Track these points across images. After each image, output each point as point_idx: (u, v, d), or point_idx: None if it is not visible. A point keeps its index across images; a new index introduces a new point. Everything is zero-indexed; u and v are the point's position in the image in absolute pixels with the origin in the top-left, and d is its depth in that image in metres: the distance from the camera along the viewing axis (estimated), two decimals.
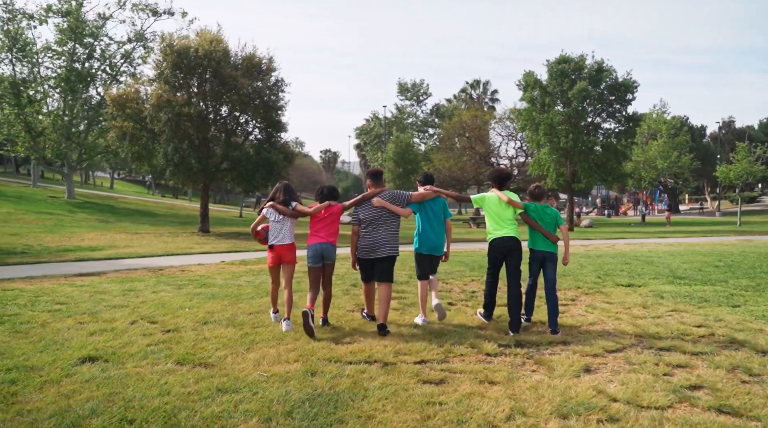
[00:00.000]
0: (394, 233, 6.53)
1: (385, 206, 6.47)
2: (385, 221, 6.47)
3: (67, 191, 41.70)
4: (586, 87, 29.71)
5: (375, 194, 6.56)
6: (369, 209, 6.51)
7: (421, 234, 6.70)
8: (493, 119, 51.05)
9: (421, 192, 6.68)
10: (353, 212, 6.67)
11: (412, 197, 6.61)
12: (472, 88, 75.87)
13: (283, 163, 25.83)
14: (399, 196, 6.60)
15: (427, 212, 6.69)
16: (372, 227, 6.45)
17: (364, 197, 6.61)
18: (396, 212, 6.52)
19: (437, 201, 6.78)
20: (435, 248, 6.70)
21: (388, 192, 6.62)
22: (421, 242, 6.70)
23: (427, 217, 6.69)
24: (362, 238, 6.49)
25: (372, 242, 6.42)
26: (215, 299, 8.18)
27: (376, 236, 6.42)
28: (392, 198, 6.55)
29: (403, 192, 6.70)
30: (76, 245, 19.27)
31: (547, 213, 6.69)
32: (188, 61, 23.75)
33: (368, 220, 6.47)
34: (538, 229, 6.60)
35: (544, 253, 6.65)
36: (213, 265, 13.15)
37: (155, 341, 5.71)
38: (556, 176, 32.16)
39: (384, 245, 6.40)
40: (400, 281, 9.89)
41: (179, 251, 17.41)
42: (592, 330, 6.36)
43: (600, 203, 72.46)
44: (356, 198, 6.70)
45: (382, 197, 6.52)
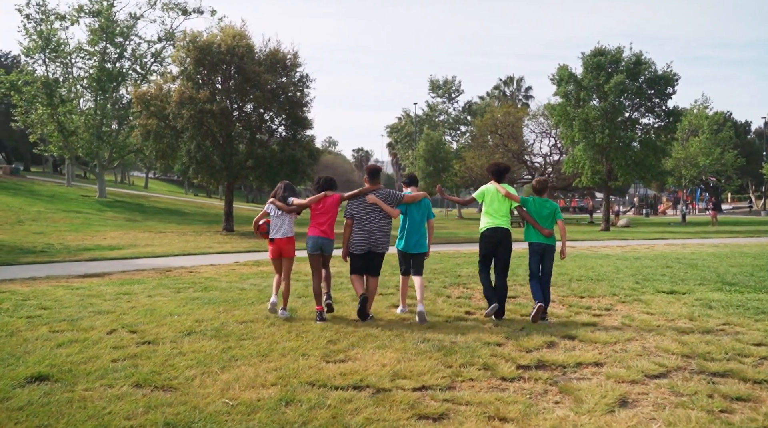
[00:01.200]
0: (385, 229, 6.85)
1: (378, 204, 6.76)
2: (377, 218, 6.79)
3: (99, 190, 41.97)
4: (623, 80, 28.34)
5: (370, 191, 6.86)
6: (362, 206, 6.82)
7: (405, 233, 6.99)
8: (527, 116, 49.67)
9: (413, 194, 6.99)
10: (346, 206, 6.99)
11: (403, 198, 6.90)
12: (506, 85, 74.30)
13: (308, 160, 25.21)
14: (392, 196, 6.89)
15: (412, 213, 7.00)
16: (364, 223, 6.76)
17: (361, 192, 6.89)
18: (386, 211, 6.81)
19: (423, 203, 7.06)
20: (417, 247, 6.98)
21: (383, 191, 6.90)
22: (405, 241, 6.99)
23: (412, 217, 6.99)
24: (355, 233, 6.80)
25: (364, 238, 6.75)
26: (211, 304, 7.50)
27: (368, 232, 6.74)
28: (386, 197, 6.85)
29: (396, 192, 6.96)
30: (96, 244, 19.02)
31: (546, 207, 6.88)
32: (211, 57, 23.32)
33: (360, 216, 6.79)
34: (532, 223, 6.84)
35: (543, 246, 6.83)
36: (225, 266, 12.54)
37: (124, 355, 5.03)
38: (591, 174, 30.80)
39: (376, 241, 6.76)
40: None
41: (197, 250, 16.92)
42: (630, 347, 5.43)
43: (637, 202, 70.20)
44: (354, 192, 6.99)
45: (376, 194, 6.82)
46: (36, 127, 40.47)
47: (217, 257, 14.95)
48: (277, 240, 6.99)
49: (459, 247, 17.00)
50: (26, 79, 39.18)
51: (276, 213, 7.04)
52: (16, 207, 31.52)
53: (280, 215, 7.00)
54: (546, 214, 6.82)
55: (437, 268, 11.59)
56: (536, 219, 6.84)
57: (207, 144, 23.86)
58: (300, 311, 7.13)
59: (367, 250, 6.76)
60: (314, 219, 6.92)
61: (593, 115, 29.23)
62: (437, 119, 66.09)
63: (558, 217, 6.89)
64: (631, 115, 30.81)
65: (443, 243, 19.58)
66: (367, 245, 6.75)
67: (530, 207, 6.91)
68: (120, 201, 42.41)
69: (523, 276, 9.68)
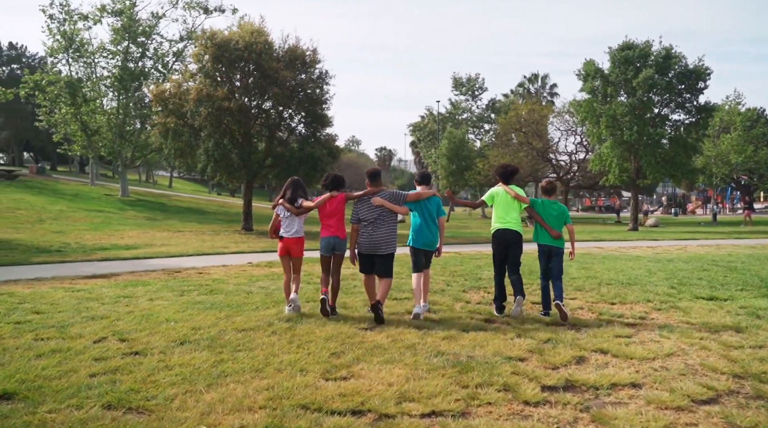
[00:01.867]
0: (392, 231, 6.89)
1: (384, 205, 6.82)
2: (384, 219, 6.83)
3: (121, 189, 42.12)
4: (652, 75, 27.35)
5: (374, 193, 6.92)
6: (368, 209, 6.87)
7: (416, 231, 7.08)
8: (552, 113, 48.63)
9: (417, 192, 7.10)
10: (353, 211, 7.01)
11: (408, 197, 6.97)
12: (530, 83, 73.12)
13: (327, 159, 24.75)
14: (396, 195, 6.96)
15: (422, 211, 7.08)
16: (371, 225, 6.81)
17: (365, 193, 6.95)
18: (394, 210, 6.87)
19: (432, 200, 7.13)
20: (429, 244, 7.09)
21: (386, 192, 6.98)
22: (416, 238, 7.08)
23: (422, 215, 7.07)
24: (362, 236, 6.85)
25: (371, 240, 6.78)
26: (213, 309, 7.03)
27: (375, 234, 6.78)
28: (390, 197, 6.90)
29: (399, 192, 7.10)
30: (113, 244, 18.83)
31: (554, 209, 6.99)
32: (229, 54, 22.99)
33: (368, 219, 6.83)
34: (541, 223, 6.95)
35: (550, 247, 6.95)
36: (236, 267, 12.10)
37: (105, 368, 4.55)
38: (618, 172, 29.86)
39: (383, 243, 6.78)
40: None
41: (212, 250, 16.56)
42: (671, 365, 4.79)
43: (665, 202, 68.57)
44: (358, 193, 7.05)
45: (381, 196, 6.87)
46: (59, 126, 40.74)
47: (231, 258, 14.55)
48: (286, 239, 7.12)
49: (481, 247, 16.33)
50: (50, 79, 39.44)
51: (285, 214, 7.17)
52: (38, 206, 31.66)
53: (290, 215, 7.12)
54: (555, 215, 6.96)
55: (457, 270, 10.99)
56: (546, 219, 6.97)
57: (225, 142, 23.55)
58: (307, 318, 6.62)
59: (372, 252, 6.81)
60: (323, 220, 7.04)
61: (621, 111, 28.30)
62: (460, 117, 65.23)
63: (567, 221, 7.04)
64: (660, 111, 29.79)
65: (464, 243, 18.96)
66: (373, 247, 6.79)
67: (539, 208, 7.04)
68: (142, 200, 42.50)
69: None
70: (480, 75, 67.24)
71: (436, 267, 11.29)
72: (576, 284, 9.07)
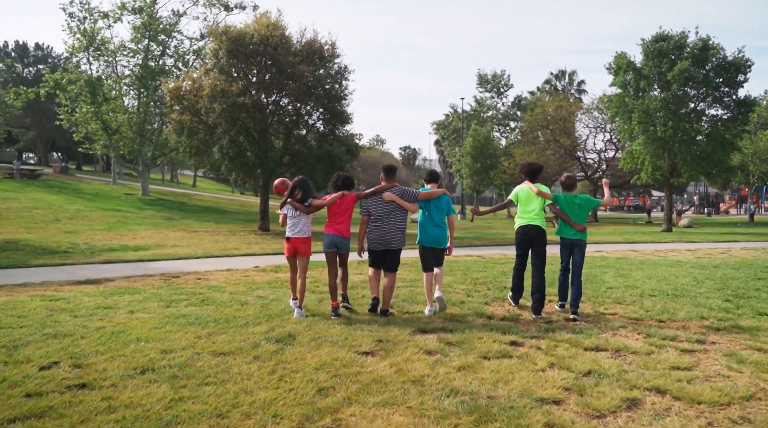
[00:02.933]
0: (401, 227, 7.00)
1: (395, 201, 6.89)
2: (395, 216, 6.93)
3: (142, 188, 41.86)
4: (688, 68, 25.83)
5: (387, 189, 6.96)
6: (380, 204, 6.95)
7: (424, 229, 7.14)
8: (580, 110, 47.07)
9: (429, 191, 7.15)
10: (364, 204, 7.08)
11: (419, 195, 7.03)
12: (557, 79, 71.22)
13: (346, 157, 23.83)
14: (408, 193, 7.03)
15: (432, 209, 7.12)
16: (382, 221, 6.92)
17: (377, 190, 7.00)
18: (404, 207, 6.94)
19: (442, 199, 7.15)
20: (438, 242, 7.14)
21: (398, 188, 7.03)
22: (424, 236, 7.14)
23: (432, 213, 7.11)
24: (372, 230, 6.97)
25: (381, 235, 6.91)
26: (196, 325, 6.12)
27: (385, 229, 6.91)
28: (402, 194, 6.98)
29: (411, 189, 7.14)
30: (122, 245, 18.21)
31: (576, 203, 7.06)
32: (244, 48, 22.21)
33: (378, 214, 6.94)
34: (564, 219, 7.06)
35: (572, 240, 7.05)
36: (241, 271, 11.21)
37: (31, 411, 3.65)
38: (651, 170, 28.36)
39: (392, 238, 6.92)
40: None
41: (222, 252, 15.75)
42: (755, 414, 3.68)
43: (697, 201, 66.34)
44: (370, 190, 7.13)
45: (392, 192, 6.94)
46: (80, 125, 40.58)
47: (239, 260, 13.71)
48: (293, 239, 7.08)
49: (507, 250, 15.20)
50: (71, 77, 39.27)
51: (293, 213, 7.06)
52: (56, 205, 31.40)
53: (297, 215, 7.03)
54: (579, 204, 7.05)
55: (479, 278, 9.94)
56: (568, 215, 7.03)
57: (241, 140, 22.80)
58: (302, 335, 5.67)
59: (382, 247, 6.91)
60: (331, 218, 7.08)
61: (654, 106, 26.84)
62: (485, 114, 63.83)
63: (595, 205, 7.28)
64: (696, 105, 28.22)
65: (489, 245, 17.85)
66: (383, 242, 6.90)
67: (562, 204, 7.12)
68: (162, 199, 42.17)
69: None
70: (506, 71, 65.65)
71: (456, 273, 10.31)
72: (614, 296, 7.96)
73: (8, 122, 62.06)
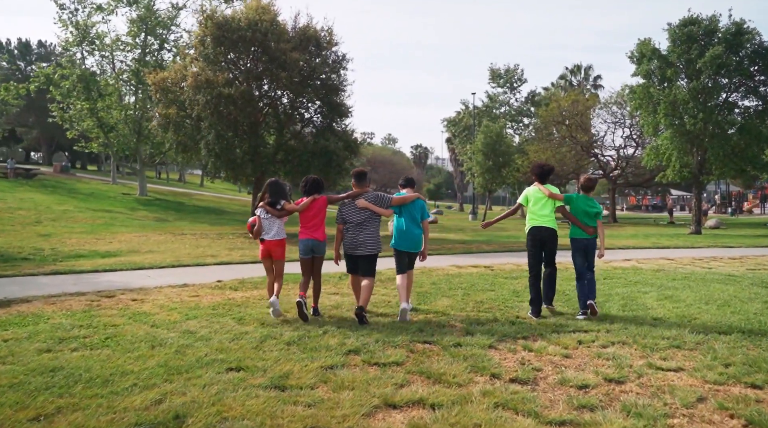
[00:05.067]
0: (375, 232, 6.95)
1: (369, 208, 6.88)
2: (369, 222, 6.91)
3: (139, 187, 40.24)
4: (721, 54, 23.53)
5: (359, 195, 6.98)
6: (354, 211, 6.93)
7: (400, 233, 7.07)
8: (597, 105, 44.66)
9: (403, 196, 7.13)
10: (338, 212, 7.07)
11: (392, 201, 7.01)
12: (572, 74, 68.59)
13: (343, 152, 21.79)
14: (381, 198, 6.98)
15: (406, 214, 7.10)
16: (356, 227, 6.89)
17: (349, 196, 7.04)
18: (378, 213, 6.92)
19: (416, 204, 7.15)
20: (413, 246, 7.10)
21: (372, 194, 7.02)
22: (399, 240, 7.08)
23: (406, 218, 7.08)
24: (346, 236, 6.96)
25: (355, 241, 6.87)
26: (54, 391, 4.12)
27: (359, 235, 6.87)
28: (375, 200, 6.94)
29: (385, 195, 7.08)
30: (92, 250, 16.51)
31: (590, 205, 7.04)
32: (230, 34, 20.27)
33: (353, 221, 6.91)
34: (574, 221, 7.01)
35: (585, 241, 6.96)
36: (195, 287, 9.22)
37: None
38: (679, 167, 26.02)
39: (366, 244, 6.85)
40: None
41: (195, 260, 13.80)
42: None
43: (719, 200, 63.69)
44: (342, 195, 7.17)
45: (365, 198, 6.94)
46: (75, 122, 38.98)
47: (208, 271, 11.80)
48: (267, 241, 7.07)
49: (520, 258, 12.90)
50: (63, 73, 37.66)
51: (266, 216, 7.07)
52: (43, 206, 29.81)
53: (271, 217, 7.05)
54: (591, 212, 7.00)
55: (485, 300, 7.83)
56: (580, 216, 6.98)
57: (229, 135, 20.86)
58: (196, 416, 3.65)
59: (356, 252, 6.88)
60: (303, 222, 7.06)
61: (682, 96, 24.54)
62: (498, 110, 61.52)
63: (599, 217, 7.07)
64: (728, 96, 25.85)
65: (499, 252, 15.69)
66: (356, 248, 6.87)
67: (574, 204, 7.06)
68: (160, 199, 40.54)
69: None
70: (519, 66, 62.98)
71: (456, 294, 8.30)
72: (669, 334, 5.75)
73: (9, 120, 60.85)
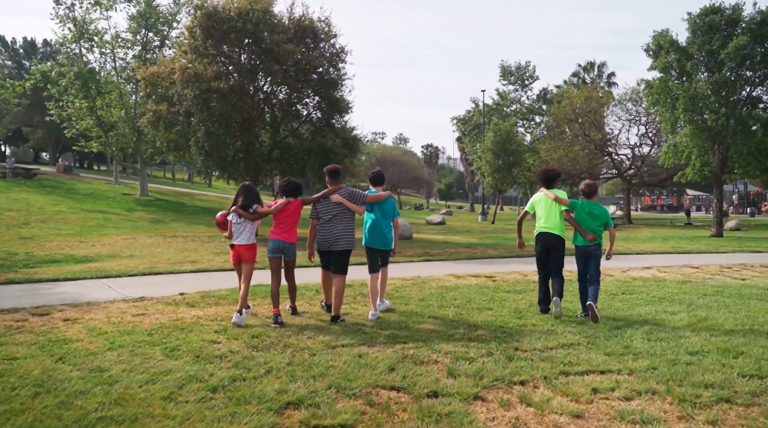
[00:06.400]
0: (349, 228, 7.00)
1: (343, 203, 6.91)
2: (342, 217, 6.93)
3: (140, 187, 39.25)
4: (745, 45, 22.00)
5: (334, 191, 6.95)
6: (328, 207, 6.95)
7: (370, 231, 7.19)
8: (612, 102, 43.03)
9: (377, 194, 7.19)
10: (312, 207, 7.10)
11: (367, 198, 7.06)
12: (585, 72, 66.81)
13: (341, 150, 20.51)
14: (355, 194, 7.05)
15: (377, 211, 7.21)
16: (329, 223, 6.93)
17: (324, 194, 7.01)
18: (352, 209, 6.96)
19: (388, 201, 7.26)
20: (383, 243, 7.17)
21: (346, 190, 7.06)
22: (370, 238, 7.19)
23: (377, 216, 7.19)
24: (320, 232, 6.99)
25: (329, 236, 6.92)
26: None
27: (333, 231, 6.91)
28: (349, 196, 6.98)
29: (359, 191, 7.16)
30: (69, 255, 15.56)
31: (594, 210, 7.00)
32: (220, 25, 19.07)
33: (326, 216, 6.94)
34: (576, 228, 6.97)
35: (585, 249, 6.97)
36: (149, 302, 7.99)
37: None
38: (699, 166, 24.47)
39: (340, 240, 6.91)
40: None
41: (171, 266, 12.59)
42: None
43: (736, 200, 61.88)
44: (317, 195, 7.15)
45: (340, 194, 6.94)
46: (74, 121, 38.04)
47: (177, 280, 10.62)
48: (237, 246, 7.05)
49: (527, 265, 11.56)
50: (62, 70, 36.72)
51: (237, 220, 7.01)
52: (36, 207, 28.81)
53: (242, 221, 7.00)
54: (595, 216, 6.95)
55: (480, 322, 6.47)
56: (584, 221, 6.95)
57: (220, 132, 19.67)
58: None
59: (327, 248, 6.94)
60: (276, 223, 7.04)
61: (703, 91, 23.02)
62: (509, 108, 59.99)
63: (609, 224, 7.06)
64: (752, 90, 24.28)
65: (505, 257, 14.29)
66: (329, 243, 6.92)
67: (579, 210, 7.03)
68: (161, 199, 39.51)
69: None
70: (530, 63, 61.50)
71: (447, 313, 6.98)
72: (710, 379, 4.30)
73: (15, 119, 60.26)
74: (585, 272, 6.95)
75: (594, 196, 7.17)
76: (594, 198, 7.14)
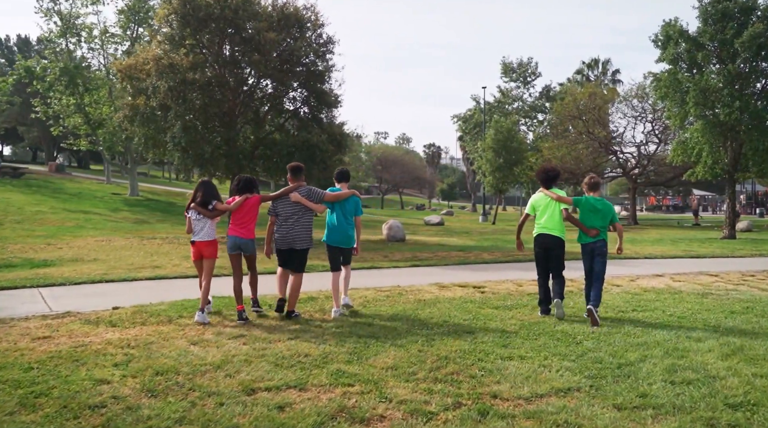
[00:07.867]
0: (308, 226, 7.04)
1: (301, 202, 6.90)
2: (301, 216, 6.94)
3: (130, 187, 38.08)
4: (761, 33, 20.56)
5: (293, 189, 6.97)
6: (286, 205, 6.97)
7: (331, 228, 7.21)
8: (617, 98, 41.61)
9: (337, 193, 7.18)
10: (271, 205, 7.14)
11: (325, 196, 7.05)
12: (589, 69, 65.35)
13: (327, 146, 19.17)
14: (314, 193, 7.01)
15: (338, 210, 7.19)
16: (288, 221, 6.92)
17: (284, 192, 7.04)
18: (311, 208, 6.97)
19: (350, 200, 7.25)
20: (344, 241, 7.18)
21: (305, 188, 7.04)
22: (330, 235, 7.20)
23: (340, 214, 7.17)
24: (278, 230, 6.99)
25: (288, 235, 6.92)
26: None
27: (292, 230, 6.91)
28: (308, 194, 6.97)
29: (318, 190, 7.12)
30: (28, 259, 14.44)
31: (598, 205, 6.93)
32: (197, 12, 17.77)
33: (285, 214, 6.95)
34: (580, 227, 6.93)
35: (591, 246, 6.90)
36: (68, 321, 6.70)
37: None
38: (710, 163, 23.02)
39: (298, 238, 6.92)
40: None
41: (129, 273, 11.32)
42: None
43: (744, 200, 60.53)
44: (276, 193, 7.22)
45: (299, 192, 6.94)
46: (61, 118, 36.85)
47: (126, 289, 9.43)
48: (197, 243, 7.04)
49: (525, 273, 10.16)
50: (48, 66, 35.55)
51: (196, 216, 6.99)
52: (15, 206, 27.64)
53: (201, 218, 6.97)
54: (599, 212, 6.87)
55: (455, 354, 5.08)
56: (588, 217, 6.88)
57: (198, 126, 18.39)
58: None
59: (287, 246, 6.94)
60: (234, 220, 7.04)
61: (715, 83, 21.61)
62: (511, 106, 58.57)
63: (614, 220, 7.01)
64: (767, 82, 22.85)
65: (501, 262, 12.95)
66: (287, 242, 6.91)
67: (583, 205, 6.98)
68: (150, 199, 38.36)
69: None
70: (533, 59, 60.00)
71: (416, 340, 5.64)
72: None
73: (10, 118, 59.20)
74: (590, 270, 6.92)
75: (598, 190, 7.10)
76: (598, 193, 7.07)
